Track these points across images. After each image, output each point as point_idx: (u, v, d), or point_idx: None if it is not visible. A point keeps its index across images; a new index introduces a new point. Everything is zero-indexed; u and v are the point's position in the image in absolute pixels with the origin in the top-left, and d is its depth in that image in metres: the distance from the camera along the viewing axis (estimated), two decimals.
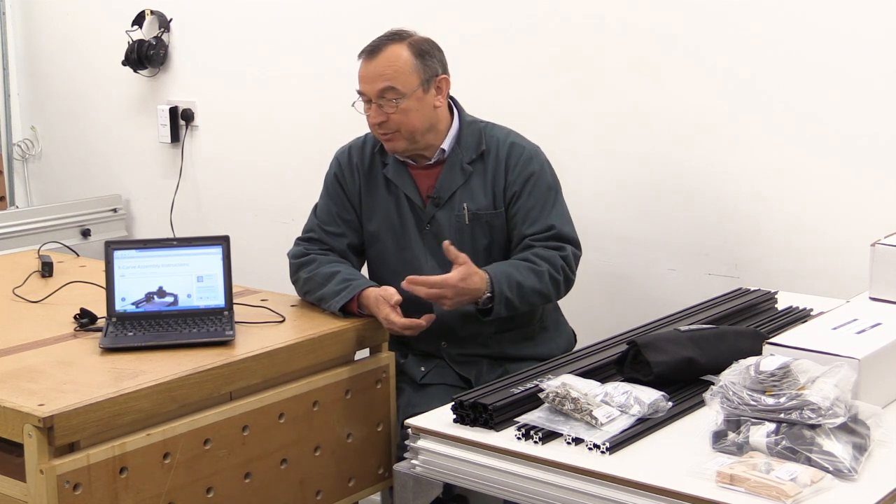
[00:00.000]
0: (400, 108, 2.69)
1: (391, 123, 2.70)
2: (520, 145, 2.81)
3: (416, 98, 2.71)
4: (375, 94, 2.69)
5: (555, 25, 3.32)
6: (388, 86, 2.68)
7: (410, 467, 2.08)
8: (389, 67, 2.69)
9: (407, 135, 2.73)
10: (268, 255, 3.67)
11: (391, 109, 2.69)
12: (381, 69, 2.69)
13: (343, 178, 2.86)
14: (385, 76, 2.69)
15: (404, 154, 2.78)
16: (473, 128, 2.82)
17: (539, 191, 2.77)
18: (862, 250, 2.52)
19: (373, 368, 2.71)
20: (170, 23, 4.27)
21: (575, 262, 2.77)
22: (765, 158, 3.01)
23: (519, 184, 2.77)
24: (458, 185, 2.78)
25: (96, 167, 4.64)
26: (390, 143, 2.75)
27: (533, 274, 2.68)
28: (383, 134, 2.74)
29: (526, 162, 2.78)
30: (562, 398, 2.01)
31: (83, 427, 2.13)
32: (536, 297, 2.71)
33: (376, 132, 2.76)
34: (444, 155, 2.79)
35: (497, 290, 2.62)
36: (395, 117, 2.70)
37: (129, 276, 2.61)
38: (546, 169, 2.81)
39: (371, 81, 2.70)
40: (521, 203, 2.76)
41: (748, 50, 3.00)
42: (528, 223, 2.75)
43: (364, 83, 2.72)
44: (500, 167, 2.79)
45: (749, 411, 1.89)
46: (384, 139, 2.75)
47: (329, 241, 2.84)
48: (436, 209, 2.79)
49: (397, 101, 2.69)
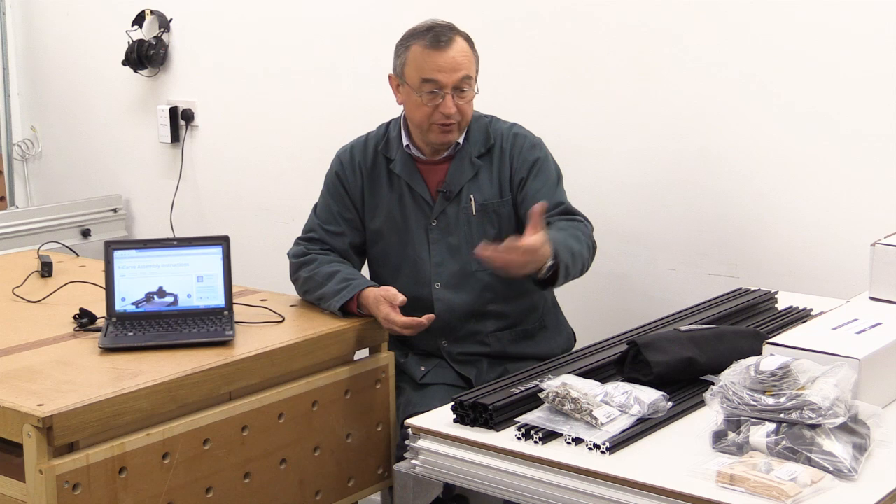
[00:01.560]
0: (469, 98, 2.73)
1: (457, 114, 2.71)
2: (523, 135, 2.83)
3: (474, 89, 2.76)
4: (453, 84, 2.69)
5: (555, 23, 3.32)
6: (467, 74, 2.70)
7: (410, 467, 2.08)
8: (465, 57, 2.71)
9: (464, 125, 2.76)
10: (268, 254, 3.67)
11: (463, 100, 2.71)
12: (460, 59, 2.70)
13: (345, 176, 2.86)
14: (464, 66, 2.70)
15: (447, 146, 2.77)
16: (480, 122, 2.83)
17: (544, 174, 2.78)
18: (862, 250, 2.52)
19: (372, 368, 2.71)
20: (170, 23, 4.27)
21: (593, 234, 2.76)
22: (765, 158, 3.01)
23: (525, 170, 2.78)
24: (468, 178, 2.79)
25: (96, 167, 4.64)
26: (450, 134, 2.74)
27: (576, 240, 2.64)
28: (447, 125, 2.72)
29: (530, 149, 2.80)
30: (562, 398, 2.01)
31: (82, 427, 2.12)
32: (580, 265, 2.64)
33: (436, 122, 2.71)
34: (455, 149, 2.80)
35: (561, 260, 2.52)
36: (464, 107, 2.72)
37: (129, 276, 2.61)
38: (550, 157, 2.83)
39: (451, 71, 2.69)
40: (529, 186, 2.77)
41: (749, 49, 2.99)
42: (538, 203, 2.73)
43: (441, 73, 2.69)
44: (504, 156, 2.80)
45: (749, 411, 1.88)
46: (444, 130, 2.73)
47: (329, 240, 2.84)
48: (446, 203, 2.79)
49: (471, 92, 2.72)
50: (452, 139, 2.76)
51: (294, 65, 3.96)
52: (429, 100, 2.71)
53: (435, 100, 2.70)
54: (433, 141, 2.76)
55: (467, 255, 2.77)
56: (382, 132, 2.87)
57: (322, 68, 3.87)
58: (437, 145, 2.78)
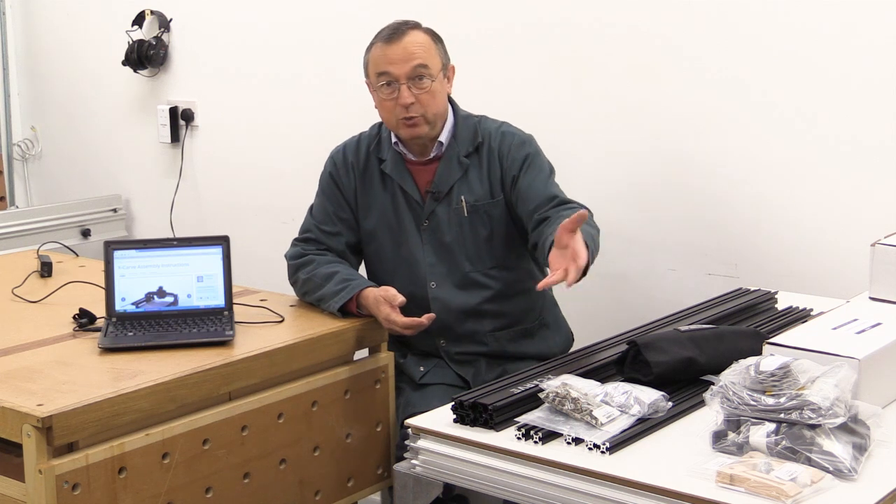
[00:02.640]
0: (430, 88, 2.68)
1: (418, 106, 2.68)
2: (511, 133, 2.80)
3: (439, 81, 2.71)
4: (406, 74, 2.67)
5: (556, 28, 3.31)
6: (420, 63, 2.67)
7: (410, 467, 2.08)
8: (419, 47, 2.68)
9: (431, 118, 2.71)
10: (267, 255, 3.66)
11: (421, 90, 2.68)
12: (412, 48, 2.68)
13: (338, 176, 2.86)
14: (416, 55, 2.67)
15: (420, 142, 2.76)
16: (469, 122, 2.81)
17: (535, 169, 2.75)
18: (862, 250, 2.52)
19: (372, 368, 2.70)
20: (170, 23, 4.27)
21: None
22: (765, 159, 3.01)
23: (516, 168, 2.75)
24: (456, 178, 2.77)
25: (96, 167, 4.64)
26: (415, 128, 2.71)
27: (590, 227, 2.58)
28: (409, 118, 2.69)
29: (519, 146, 2.77)
30: (562, 398, 2.01)
31: (82, 427, 2.12)
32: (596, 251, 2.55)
33: (399, 118, 2.70)
34: (441, 149, 2.79)
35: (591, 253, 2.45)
36: (424, 98, 2.68)
37: (129, 276, 2.61)
38: (540, 152, 2.80)
39: (402, 61, 2.67)
40: (521, 182, 2.74)
41: (748, 51, 2.99)
42: (532, 199, 2.70)
43: (391, 64, 2.68)
44: (493, 156, 2.78)
45: (749, 411, 1.88)
46: (408, 124, 2.71)
47: (326, 240, 2.84)
48: (435, 203, 2.78)
49: (429, 82, 2.68)
50: (420, 133, 2.72)
51: (294, 65, 3.96)
52: (387, 94, 2.70)
53: (392, 93, 2.69)
54: (404, 137, 2.75)
55: (460, 256, 2.77)
56: (375, 132, 2.87)
57: (322, 68, 3.87)
58: (410, 142, 2.76)
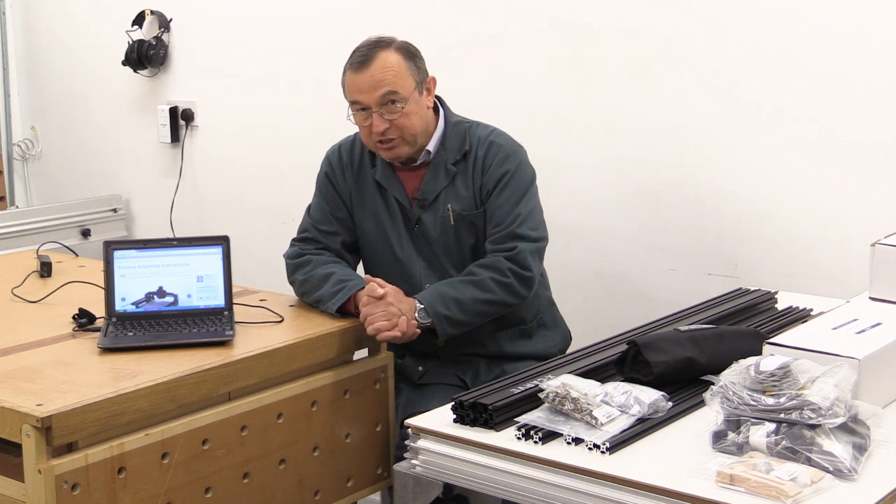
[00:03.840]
0: (403, 112, 2.66)
1: (394, 129, 2.67)
2: (498, 144, 2.77)
3: (415, 101, 2.69)
4: (376, 102, 2.65)
5: (554, 31, 3.31)
6: (389, 90, 2.65)
7: (410, 467, 2.08)
8: (387, 73, 2.65)
9: (409, 139, 2.70)
10: (267, 255, 3.66)
11: (394, 115, 2.66)
12: (379, 76, 2.65)
13: (334, 176, 2.85)
14: (384, 82, 2.65)
15: (401, 160, 2.76)
16: (459, 128, 2.80)
17: (509, 189, 2.73)
18: (862, 250, 2.52)
19: (371, 368, 2.70)
20: (170, 23, 4.27)
21: (532, 257, 2.69)
22: (765, 159, 3.01)
23: (492, 182, 2.74)
24: (443, 186, 2.77)
25: (96, 167, 4.64)
26: (393, 150, 2.71)
27: (471, 286, 2.65)
28: (385, 142, 2.69)
29: (501, 161, 2.75)
30: (562, 398, 2.01)
31: (81, 427, 2.12)
32: (486, 307, 2.66)
33: (375, 142, 2.70)
34: (429, 156, 2.78)
35: (431, 312, 2.61)
36: (398, 122, 2.66)
37: (129, 276, 2.61)
38: (522, 167, 2.77)
39: (370, 90, 2.65)
40: (491, 201, 2.74)
41: (747, 52, 2.99)
42: (494, 222, 2.73)
43: (361, 93, 2.67)
44: (478, 166, 2.76)
45: (749, 411, 1.88)
46: (385, 148, 2.70)
47: (323, 239, 2.84)
48: (421, 211, 2.78)
49: (401, 106, 2.66)
50: (400, 153, 2.72)
51: (294, 65, 3.96)
52: (360, 120, 2.70)
53: (366, 119, 2.68)
54: (385, 158, 2.75)
55: (447, 264, 2.77)
56: None
57: (322, 68, 3.86)
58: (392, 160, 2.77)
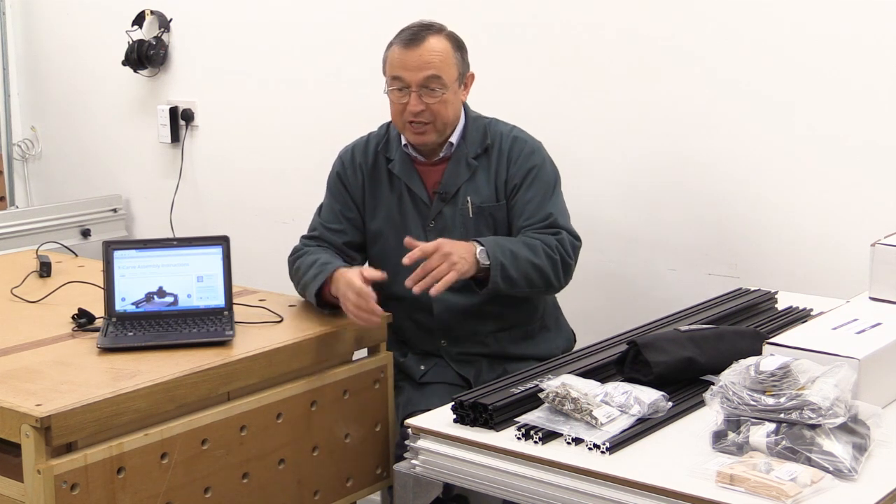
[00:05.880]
0: (441, 98, 2.67)
1: (428, 114, 2.68)
2: (522, 139, 2.81)
3: (454, 91, 2.71)
4: (418, 83, 2.66)
5: (557, 30, 3.31)
6: (433, 74, 2.66)
7: (410, 467, 2.08)
8: (435, 56, 2.67)
9: (440, 127, 2.71)
10: (267, 255, 3.66)
11: (432, 99, 2.67)
12: (428, 57, 2.66)
13: (346, 176, 2.86)
14: (431, 64, 2.66)
15: (427, 147, 2.76)
16: (478, 123, 2.82)
17: (538, 184, 2.76)
18: (862, 250, 2.52)
19: (371, 368, 2.70)
20: (170, 23, 4.27)
21: (572, 250, 2.72)
22: (765, 159, 3.01)
23: (520, 176, 2.76)
24: (464, 179, 2.78)
25: (96, 167, 4.64)
26: (422, 135, 2.72)
27: (525, 246, 2.64)
28: (417, 125, 2.69)
29: (528, 156, 2.78)
30: (562, 398, 2.01)
31: (81, 427, 2.12)
32: (533, 271, 2.63)
33: (406, 122, 2.70)
34: (451, 150, 2.79)
35: (492, 255, 2.57)
36: (434, 107, 2.67)
37: (129, 276, 2.61)
38: (547, 164, 2.81)
39: (416, 69, 2.66)
40: (520, 196, 2.75)
41: (748, 53, 2.99)
42: (526, 215, 2.73)
43: (406, 70, 2.67)
44: (502, 160, 2.78)
45: (749, 411, 1.88)
46: (415, 131, 2.71)
47: (329, 237, 2.84)
48: (443, 204, 2.78)
49: (441, 92, 2.67)
50: (427, 140, 2.73)
51: (294, 65, 3.96)
52: (397, 97, 2.70)
53: (402, 97, 2.68)
54: (410, 141, 2.76)
55: None
56: (383, 132, 2.87)
57: (323, 69, 3.87)
58: (416, 146, 2.77)
